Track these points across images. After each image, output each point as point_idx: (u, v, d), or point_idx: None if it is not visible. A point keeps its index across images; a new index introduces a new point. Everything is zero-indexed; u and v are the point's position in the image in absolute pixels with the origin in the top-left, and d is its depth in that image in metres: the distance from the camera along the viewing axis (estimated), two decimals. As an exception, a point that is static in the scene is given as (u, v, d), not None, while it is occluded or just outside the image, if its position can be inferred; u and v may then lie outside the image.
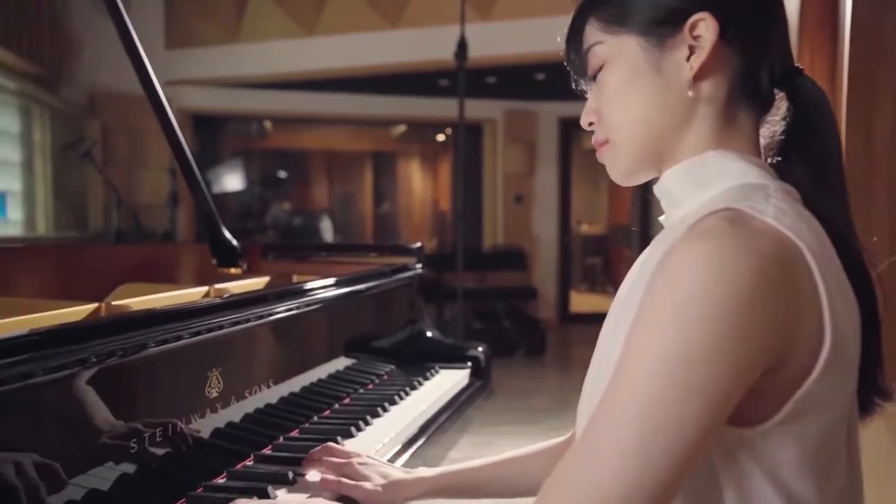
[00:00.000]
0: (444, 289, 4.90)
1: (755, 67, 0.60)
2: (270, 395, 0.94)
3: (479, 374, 1.40)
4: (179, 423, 0.75)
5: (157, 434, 0.71)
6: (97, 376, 0.65)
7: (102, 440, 0.65)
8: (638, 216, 5.66)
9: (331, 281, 1.14)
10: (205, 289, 1.16)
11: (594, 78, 0.64)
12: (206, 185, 1.44)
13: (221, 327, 0.83)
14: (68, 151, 4.12)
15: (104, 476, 0.65)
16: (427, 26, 4.78)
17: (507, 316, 5.15)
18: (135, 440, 0.68)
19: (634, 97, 0.61)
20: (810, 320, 0.50)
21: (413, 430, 1.07)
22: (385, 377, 1.29)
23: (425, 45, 4.76)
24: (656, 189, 0.63)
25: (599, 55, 0.62)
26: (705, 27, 0.58)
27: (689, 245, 0.49)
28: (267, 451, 0.89)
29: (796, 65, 0.63)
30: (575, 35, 0.65)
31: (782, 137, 0.62)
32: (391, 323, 1.39)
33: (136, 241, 3.95)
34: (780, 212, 0.52)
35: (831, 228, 0.57)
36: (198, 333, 0.78)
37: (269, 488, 0.75)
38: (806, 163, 0.61)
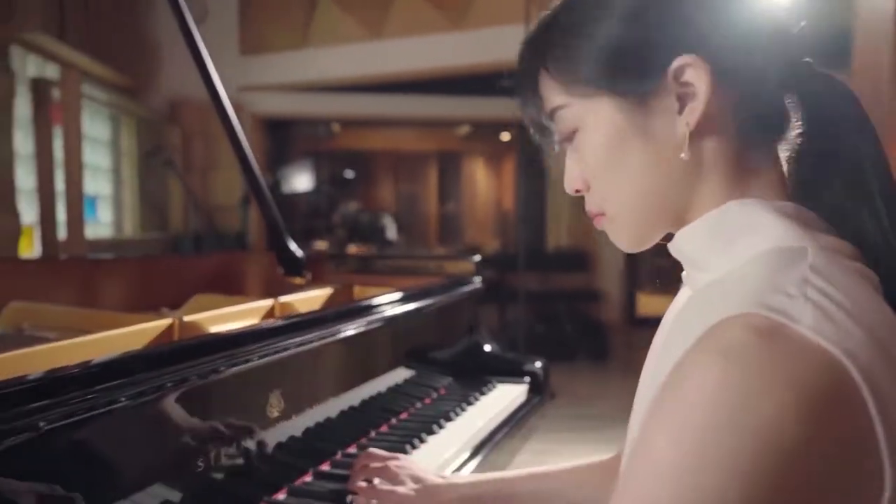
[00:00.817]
0: (506, 290, 4.88)
1: (764, 93, 0.48)
2: (330, 408, 0.97)
3: (538, 389, 1.38)
4: (242, 439, 0.78)
5: (221, 453, 0.75)
6: (165, 400, 0.69)
7: (170, 459, 0.69)
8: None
9: (391, 297, 1.16)
10: (270, 302, 1.20)
11: (569, 139, 0.53)
12: (271, 196, 1.50)
13: (286, 349, 0.86)
14: (151, 158, 4.38)
15: (171, 494, 0.69)
16: (491, 27, 4.77)
17: (570, 319, 5.07)
18: (201, 459, 0.71)
19: (623, 168, 0.50)
20: (864, 458, 0.38)
21: (469, 449, 1.07)
22: (442, 391, 1.30)
23: (490, 46, 4.74)
24: (672, 249, 0.53)
25: (567, 120, 0.51)
26: (694, 73, 0.46)
27: (707, 363, 0.38)
28: (325, 466, 0.92)
29: (805, 59, 0.49)
30: (529, 92, 0.53)
31: (799, 156, 0.50)
32: (450, 335, 1.40)
33: (212, 245, 4.17)
34: (820, 315, 0.39)
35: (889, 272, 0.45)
36: (262, 356, 0.81)
37: (325, 508, 0.77)
38: (830, 186, 0.48)
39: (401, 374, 1.19)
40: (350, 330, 1.01)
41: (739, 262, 0.46)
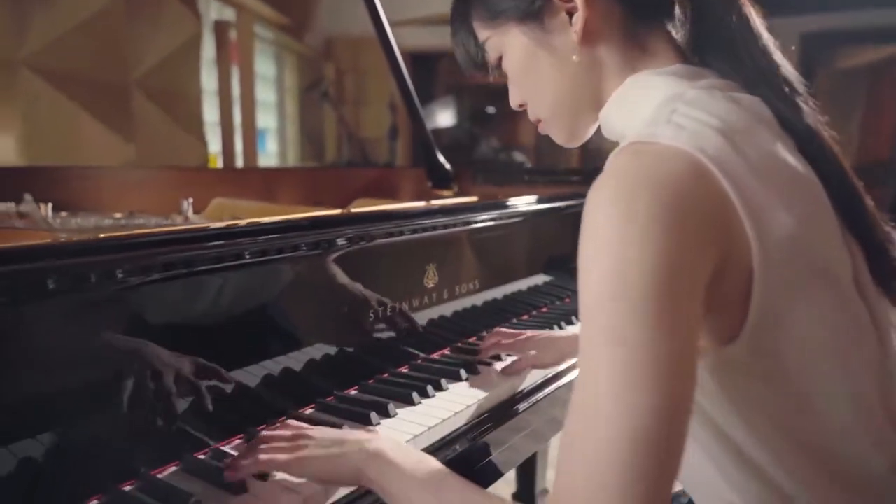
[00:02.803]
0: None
1: None
2: (476, 298, 1.07)
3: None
4: (400, 305, 0.90)
5: (383, 312, 0.87)
6: (341, 256, 0.81)
7: (341, 312, 0.83)
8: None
9: (532, 198, 1.22)
10: (423, 204, 1.31)
11: (498, 66, 0.66)
12: (423, 115, 1.60)
13: (435, 228, 0.96)
14: (310, 92, 4.73)
15: (339, 341, 0.83)
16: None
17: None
18: (372, 311, 0.84)
19: (540, 78, 0.62)
20: (734, 226, 0.48)
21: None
22: (581, 293, 1.34)
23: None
24: (605, 133, 0.64)
25: (493, 48, 0.64)
26: None
27: (594, 190, 0.49)
28: (473, 339, 1.02)
29: None
30: (463, 32, 0.67)
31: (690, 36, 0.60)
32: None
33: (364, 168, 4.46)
34: (677, 129, 0.50)
35: (779, 112, 0.54)
36: (416, 231, 0.92)
37: (462, 371, 0.89)
38: (717, 49, 0.58)
39: (541, 278, 1.25)
40: (492, 221, 1.09)
41: (641, 120, 0.55)
